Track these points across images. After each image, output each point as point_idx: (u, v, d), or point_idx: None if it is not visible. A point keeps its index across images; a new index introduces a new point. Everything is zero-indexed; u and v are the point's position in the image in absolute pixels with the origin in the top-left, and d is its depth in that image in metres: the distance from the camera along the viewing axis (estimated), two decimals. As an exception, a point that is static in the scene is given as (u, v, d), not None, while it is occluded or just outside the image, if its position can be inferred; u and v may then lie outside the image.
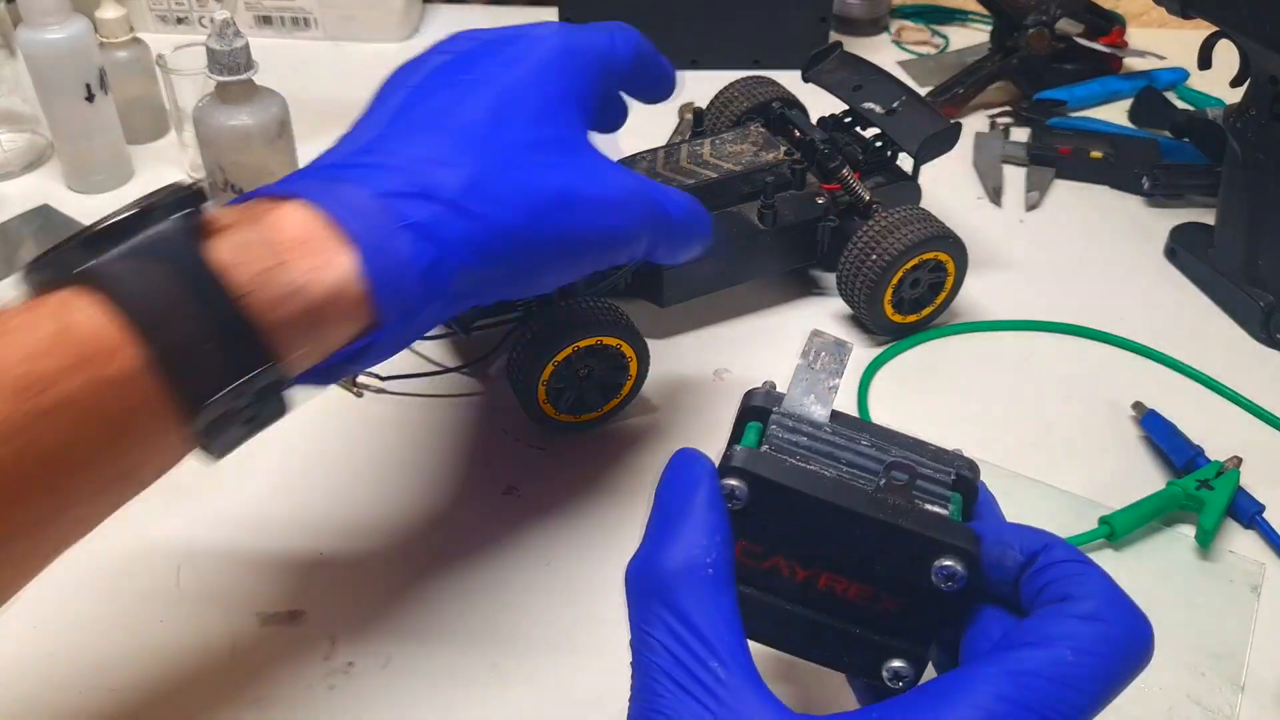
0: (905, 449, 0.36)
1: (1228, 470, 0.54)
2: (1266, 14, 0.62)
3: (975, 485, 0.36)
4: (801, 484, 0.33)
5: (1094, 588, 0.31)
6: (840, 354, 0.37)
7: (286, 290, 0.35)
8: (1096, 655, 0.30)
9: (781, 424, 0.35)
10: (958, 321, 0.68)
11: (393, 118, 0.42)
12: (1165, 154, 0.81)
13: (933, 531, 0.32)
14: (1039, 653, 0.30)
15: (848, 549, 0.33)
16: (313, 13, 0.99)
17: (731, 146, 0.66)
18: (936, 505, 0.34)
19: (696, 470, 0.33)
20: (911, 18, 1.06)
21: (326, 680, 0.47)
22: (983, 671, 0.30)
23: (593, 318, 0.55)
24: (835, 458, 0.35)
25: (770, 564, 0.34)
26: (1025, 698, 0.29)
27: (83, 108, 0.75)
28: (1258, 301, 0.67)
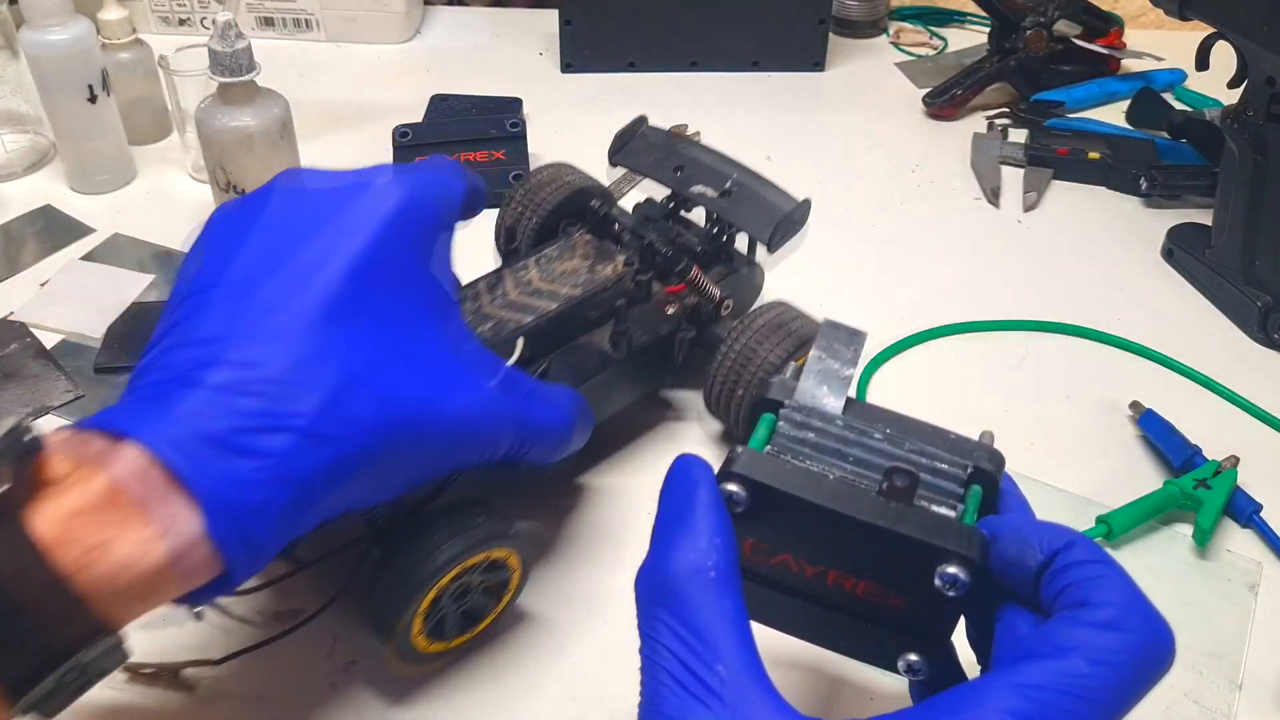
0: (922, 440, 0.35)
1: (1225, 469, 0.55)
2: (1264, 15, 0.62)
3: (996, 479, 0.35)
4: (801, 489, 0.32)
5: (1113, 592, 0.30)
6: (854, 342, 0.36)
7: (120, 563, 0.32)
8: (1113, 666, 0.29)
9: (791, 418, 0.35)
10: (957, 321, 0.68)
11: (231, 300, 0.37)
12: (1163, 155, 0.81)
13: (934, 538, 0.32)
14: (1052, 664, 0.29)
15: (852, 550, 0.33)
16: (314, 14, 0.99)
17: (560, 264, 0.56)
18: (944, 506, 0.34)
19: (694, 474, 0.33)
20: (910, 19, 1.06)
21: (328, 678, 0.47)
22: (994, 685, 0.29)
23: (462, 529, 0.44)
24: (843, 455, 0.34)
25: (779, 560, 0.34)
26: (1036, 713, 0.28)
27: (85, 109, 0.76)
28: (1255, 301, 0.67)
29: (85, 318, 0.67)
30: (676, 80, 0.95)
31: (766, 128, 0.89)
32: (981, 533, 0.33)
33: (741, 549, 0.33)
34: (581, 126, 0.89)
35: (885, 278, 0.73)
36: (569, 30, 0.95)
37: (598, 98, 0.93)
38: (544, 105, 0.91)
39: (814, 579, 0.34)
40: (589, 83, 0.95)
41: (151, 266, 0.72)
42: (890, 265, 0.74)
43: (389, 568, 0.43)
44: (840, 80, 0.97)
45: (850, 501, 0.32)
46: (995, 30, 0.93)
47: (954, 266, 0.74)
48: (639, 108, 0.93)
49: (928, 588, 0.32)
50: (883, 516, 0.32)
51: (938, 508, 0.33)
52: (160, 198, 0.80)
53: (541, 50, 1.00)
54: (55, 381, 0.63)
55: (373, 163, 0.43)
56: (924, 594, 0.32)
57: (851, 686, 0.47)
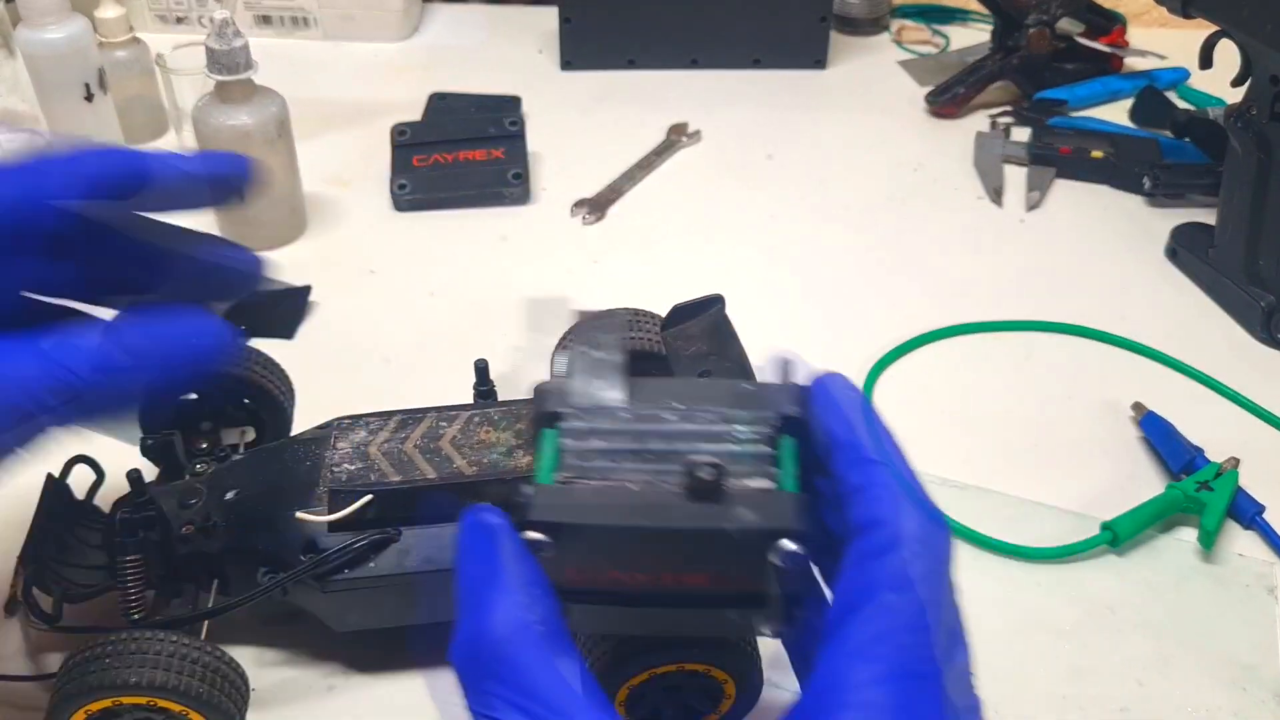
0: (718, 404, 0.32)
1: (1226, 471, 0.54)
2: (1268, 13, 0.62)
3: (805, 419, 0.32)
4: (605, 516, 0.30)
5: (883, 503, 0.29)
6: (612, 325, 0.34)
7: None
8: (916, 579, 0.28)
9: (574, 430, 0.32)
10: (958, 322, 0.67)
11: None
12: (1166, 153, 0.81)
13: (757, 523, 0.30)
14: (869, 611, 0.27)
15: (679, 552, 0.31)
16: (312, 12, 0.99)
17: (487, 432, 0.45)
18: (759, 477, 0.31)
19: (490, 526, 0.30)
20: (912, 17, 1.05)
21: (326, 680, 0.47)
22: (840, 665, 0.27)
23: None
24: (639, 453, 0.32)
25: (608, 576, 0.32)
26: (890, 667, 0.26)
27: (82, 107, 0.75)
28: (1258, 301, 0.67)
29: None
30: (677, 78, 0.95)
31: (767, 126, 0.89)
32: (803, 495, 0.31)
33: (565, 576, 0.31)
34: (581, 125, 0.89)
35: (886, 277, 0.72)
36: (568, 28, 0.95)
37: (597, 96, 0.93)
38: (543, 104, 0.90)
39: (649, 584, 0.32)
40: (589, 81, 0.95)
41: (148, 266, 0.72)
42: (891, 265, 0.74)
43: None
44: (842, 78, 0.96)
45: (660, 512, 0.30)
46: (998, 28, 0.92)
47: (956, 266, 0.73)
48: (639, 106, 0.93)
49: (768, 569, 0.31)
50: (697, 518, 0.30)
51: (752, 481, 0.31)
52: (157, 197, 0.80)
53: (541, 48, 1.00)
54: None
55: (372, 161, 0.41)
56: (765, 569, 0.31)
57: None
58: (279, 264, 0.72)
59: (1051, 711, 0.46)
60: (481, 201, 0.78)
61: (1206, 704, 0.46)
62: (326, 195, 0.79)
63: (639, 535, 0.30)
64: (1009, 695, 0.47)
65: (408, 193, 0.78)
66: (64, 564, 0.47)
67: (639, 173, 0.82)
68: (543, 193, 0.80)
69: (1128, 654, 0.48)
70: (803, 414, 0.32)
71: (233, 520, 0.45)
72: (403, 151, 0.79)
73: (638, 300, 0.56)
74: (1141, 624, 0.50)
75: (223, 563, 0.45)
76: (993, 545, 0.53)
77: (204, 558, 0.45)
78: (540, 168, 0.82)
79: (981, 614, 0.50)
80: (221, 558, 0.45)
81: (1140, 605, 0.50)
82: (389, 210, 0.78)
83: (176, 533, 0.45)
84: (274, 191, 0.73)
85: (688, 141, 0.86)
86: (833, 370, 0.32)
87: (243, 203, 0.41)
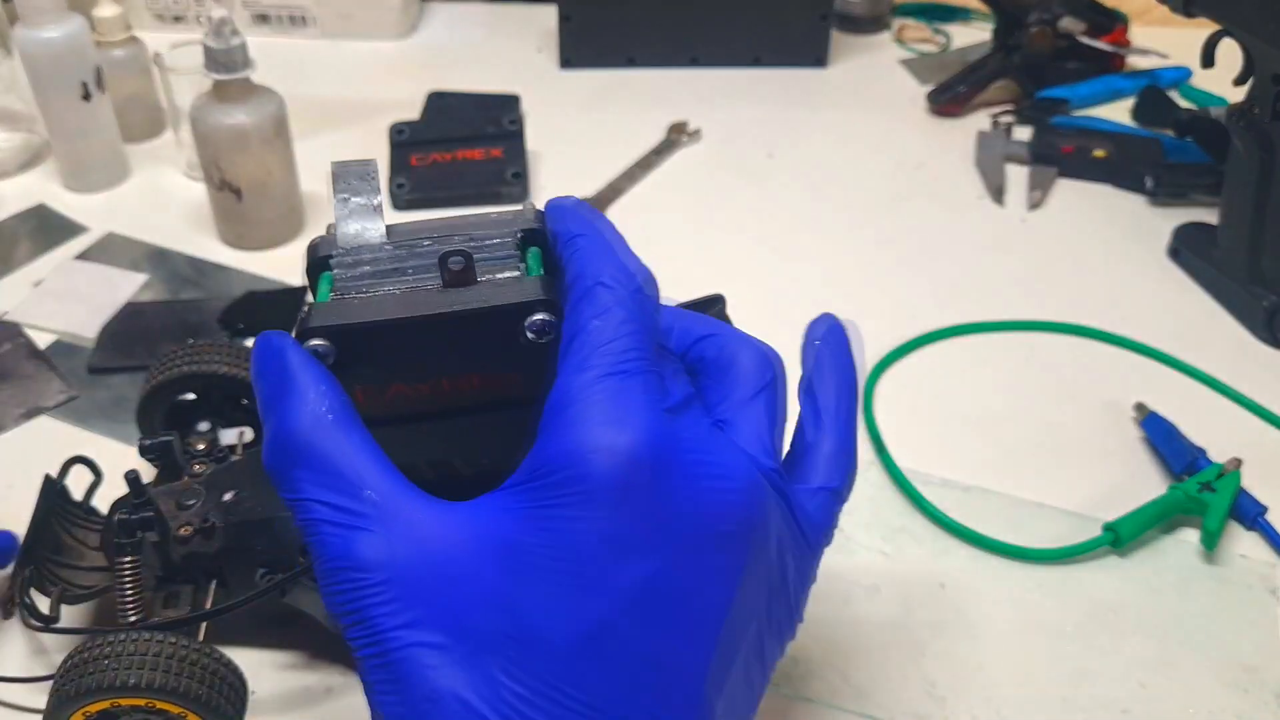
0: (468, 230, 0.36)
1: (1229, 472, 0.54)
2: (1270, 12, 0.62)
3: (543, 232, 0.36)
4: (375, 314, 0.33)
5: (582, 262, 0.33)
6: (367, 172, 0.36)
7: None
8: (613, 305, 0.31)
9: (343, 263, 0.35)
10: (960, 322, 0.67)
11: None
12: (1168, 153, 0.81)
13: (508, 299, 0.33)
14: (581, 340, 0.31)
15: (448, 350, 0.34)
16: (310, 11, 0.99)
17: None
18: (508, 270, 0.34)
19: (276, 344, 0.33)
20: (914, 15, 1.05)
21: (324, 683, 0.46)
22: (560, 384, 0.31)
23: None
24: (402, 271, 0.35)
25: (392, 393, 0.35)
26: (600, 373, 0.30)
27: (79, 106, 0.75)
28: (1261, 301, 0.66)
29: (79, 317, 0.67)
30: (677, 77, 0.95)
31: (768, 125, 0.89)
32: (547, 277, 0.34)
33: (355, 399, 0.33)
34: (581, 124, 0.88)
35: (887, 277, 0.72)
36: (568, 26, 0.94)
37: (597, 94, 0.93)
38: (542, 102, 0.90)
39: (430, 395, 0.35)
40: (588, 79, 0.95)
41: (146, 265, 0.72)
42: (892, 264, 0.73)
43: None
44: (843, 77, 0.96)
45: (423, 305, 0.33)
46: (999, 27, 0.92)
47: (957, 265, 0.73)
48: (639, 105, 0.93)
49: (528, 349, 0.33)
50: (455, 303, 0.33)
51: (502, 274, 0.34)
52: (154, 196, 0.79)
53: (540, 46, 0.99)
54: (49, 382, 0.62)
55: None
56: (527, 357, 0.33)
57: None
58: (277, 264, 0.72)
59: (1053, 713, 0.46)
60: (480, 200, 0.78)
61: (1209, 705, 0.46)
62: (325, 194, 0.79)
63: (408, 328, 0.33)
64: (1011, 696, 0.46)
65: (406, 192, 0.77)
66: (62, 565, 0.46)
67: (639, 172, 0.82)
68: (542, 191, 0.80)
69: (1130, 655, 0.48)
70: (541, 227, 0.36)
71: (231, 521, 0.45)
72: (401, 150, 0.79)
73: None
74: (1144, 625, 0.49)
75: (221, 564, 0.45)
76: (995, 546, 0.53)
77: (202, 559, 0.45)
78: (539, 167, 0.82)
79: (983, 614, 0.50)
80: (220, 559, 0.45)
81: (1142, 606, 0.50)
82: (388, 209, 0.77)
83: (174, 534, 0.45)
84: (272, 191, 0.72)
85: (688, 140, 0.86)
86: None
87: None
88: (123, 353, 0.64)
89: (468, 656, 0.29)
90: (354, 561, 0.30)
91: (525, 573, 0.29)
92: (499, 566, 0.30)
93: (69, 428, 0.60)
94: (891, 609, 0.50)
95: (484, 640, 0.29)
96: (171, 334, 0.65)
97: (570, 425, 0.30)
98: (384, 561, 0.30)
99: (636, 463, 0.29)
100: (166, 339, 0.65)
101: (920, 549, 0.53)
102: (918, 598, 0.50)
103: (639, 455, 0.29)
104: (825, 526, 0.35)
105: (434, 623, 0.29)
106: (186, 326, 0.66)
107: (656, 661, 0.29)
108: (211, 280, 0.71)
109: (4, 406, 0.61)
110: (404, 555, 0.30)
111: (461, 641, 0.29)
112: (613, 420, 0.30)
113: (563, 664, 0.29)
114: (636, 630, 0.29)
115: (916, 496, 0.55)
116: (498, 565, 0.30)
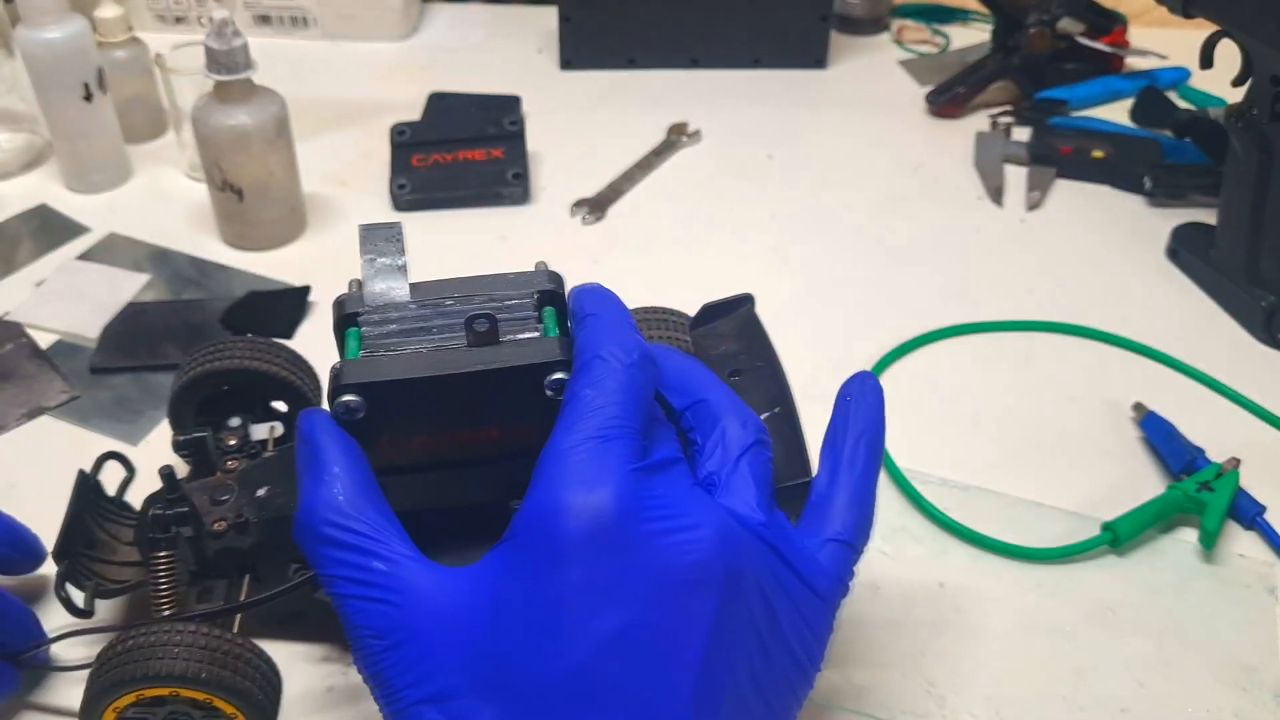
0: (488, 289, 0.38)
1: (1227, 472, 0.54)
2: (1268, 13, 0.62)
3: (561, 294, 0.38)
4: (405, 371, 0.35)
5: (582, 339, 0.36)
6: (393, 233, 0.39)
7: None
8: (601, 379, 0.34)
9: (370, 320, 0.38)
10: (959, 323, 0.67)
11: None
12: (1167, 154, 0.81)
13: (530, 359, 0.36)
14: (571, 407, 0.34)
15: (470, 404, 0.36)
16: (311, 12, 0.99)
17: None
18: (528, 331, 0.37)
19: (311, 421, 0.36)
20: (913, 17, 1.05)
21: (325, 681, 0.47)
22: (551, 442, 0.34)
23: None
24: (428, 330, 0.37)
25: (415, 444, 0.37)
26: (585, 437, 0.33)
27: (81, 107, 0.75)
28: (1259, 302, 0.67)
29: (81, 318, 0.67)
30: (677, 78, 0.95)
31: (768, 126, 0.89)
32: (568, 339, 0.37)
33: (379, 448, 0.36)
34: (581, 125, 0.89)
35: (887, 277, 0.72)
36: (568, 27, 0.94)
37: (597, 95, 0.93)
38: (543, 103, 0.90)
39: (452, 444, 0.37)
40: (588, 80, 0.95)
41: (147, 266, 0.72)
42: (892, 265, 0.74)
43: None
44: (842, 78, 0.96)
45: (450, 363, 0.35)
46: (998, 28, 0.92)
47: (956, 266, 0.73)
48: (639, 106, 0.93)
49: (546, 404, 0.36)
50: (480, 362, 0.35)
51: (523, 335, 0.37)
52: (156, 197, 0.80)
53: (540, 47, 0.99)
54: (51, 382, 0.63)
55: (371, 161, 0.43)
56: (545, 412, 0.36)
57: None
58: (279, 264, 0.72)
59: (1053, 712, 0.46)
60: (481, 201, 0.78)
61: (1207, 705, 0.46)
62: (326, 195, 0.79)
63: (434, 386, 0.35)
64: (1010, 695, 0.47)
65: (407, 192, 0.78)
66: (95, 560, 0.47)
67: (639, 172, 0.82)
68: (542, 192, 0.80)
69: (1128, 654, 0.48)
70: (556, 288, 0.39)
71: (264, 517, 0.45)
72: (402, 151, 0.79)
73: (638, 300, 0.56)
74: (1142, 624, 0.49)
75: (254, 558, 0.46)
76: (994, 546, 0.53)
77: (236, 553, 0.45)
78: (540, 167, 0.82)
79: (982, 614, 0.50)
80: (253, 553, 0.45)
81: (1141, 606, 0.50)
82: (388, 210, 0.78)
83: (208, 528, 0.45)
84: (274, 192, 0.73)
85: (688, 141, 0.86)
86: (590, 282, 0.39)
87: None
88: (124, 353, 0.65)
89: (467, 709, 0.32)
90: (372, 629, 0.33)
91: (509, 625, 0.32)
92: (488, 621, 0.32)
93: (71, 427, 0.60)
94: (891, 609, 0.50)
95: (480, 691, 0.32)
96: (173, 334, 0.65)
97: (548, 485, 0.33)
98: (394, 628, 0.33)
99: (603, 519, 0.32)
100: (168, 339, 0.65)
101: (920, 548, 0.53)
102: (917, 597, 0.51)
103: (605, 512, 0.32)
104: (836, 577, 0.36)
105: (437, 679, 0.32)
106: (188, 327, 0.66)
107: (636, 702, 0.31)
108: (213, 280, 0.71)
109: (6, 406, 0.61)
110: (411, 621, 0.33)
111: (460, 695, 0.32)
112: (586, 480, 0.32)
113: (548, 707, 0.31)
114: (614, 674, 0.31)
115: (916, 496, 0.55)
116: (487, 620, 0.32)
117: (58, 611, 0.46)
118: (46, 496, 0.48)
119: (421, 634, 0.33)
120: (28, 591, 0.50)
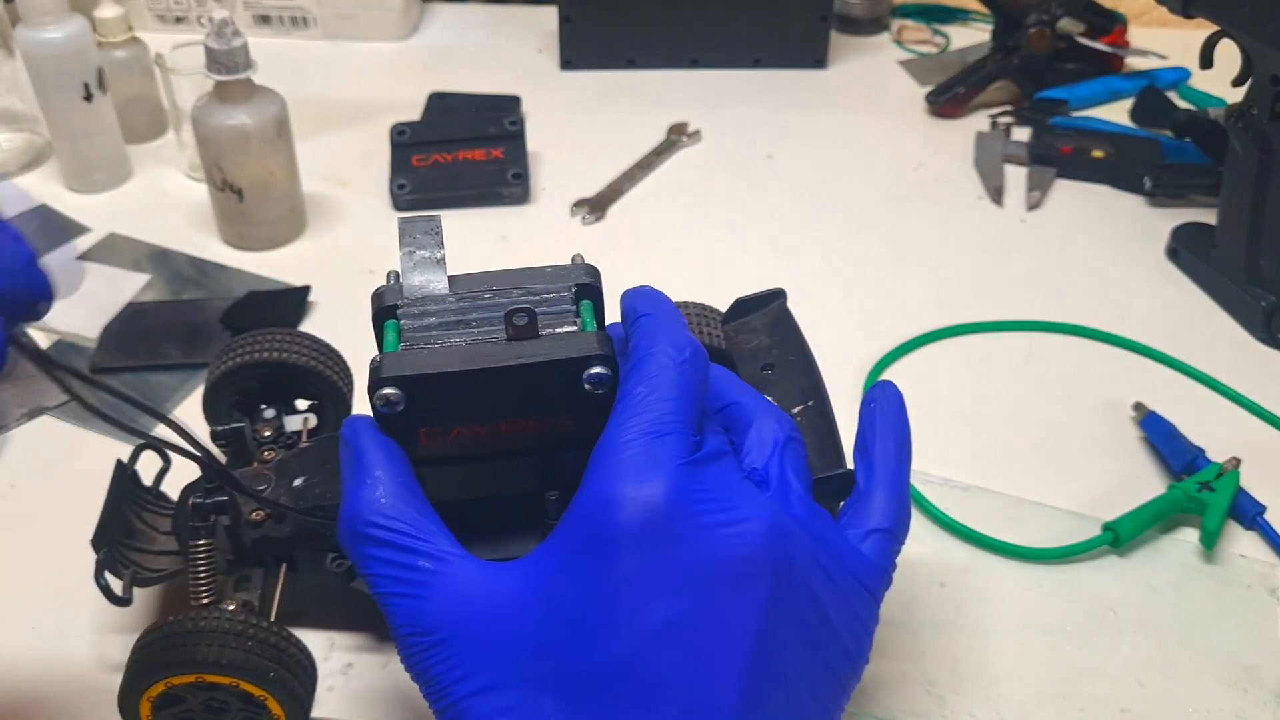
0: (526, 282, 0.38)
1: (1227, 472, 0.54)
2: (1268, 13, 0.62)
3: (598, 287, 0.39)
4: (444, 365, 0.35)
5: (637, 337, 0.36)
6: (432, 226, 0.39)
7: None
8: (653, 375, 0.35)
9: (410, 313, 0.38)
10: (959, 322, 0.67)
11: None
12: (1167, 154, 0.81)
13: (569, 353, 0.36)
14: (626, 401, 0.35)
15: (510, 397, 0.36)
16: (311, 12, 0.99)
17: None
18: (566, 325, 0.37)
19: (354, 426, 0.37)
20: (913, 17, 1.05)
21: (325, 681, 0.47)
22: (607, 435, 0.34)
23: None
24: (466, 323, 0.37)
25: (454, 435, 0.37)
26: (640, 433, 0.34)
27: (81, 107, 0.75)
28: (1259, 301, 0.67)
29: (81, 318, 0.67)
30: (677, 78, 0.95)
31: (768, 126, 0.89)
32: (605, 333, 0.37)
33: (418, 440, 0.36)
34: (581, 125, 0.89)
35: (887, 277, 0.72)
36: (568, 27, 0.94)
37: (597, 95, 0.93)
38: (543, 103, 0.90)
39: (490, 437, 0.37)
40: (588, 80, 0.95)
41: (148, 266, 0.72)
42: (892, 265, 0.74)
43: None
44: (842, 78, 0.96)
45: (489, 356, 0.36)
46: (998, 28, 0.92)
47: (956, 266, 0.73)
48: (639, 106, 0.93)
49: (583, 397, 0.36)
50: (520, 355, 0.36)
51: (561, 329, 0.37)
52: (156, 197, 0.80)
53: (540, 47, 1.00)
54: (51, 382, 0.62)
55: (372, 161, 0.43)
56: (582, 405, 0.36)
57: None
58: (279, 264, 0.72)
59: (1053, 712, 0.46)
60: (481, 201, 0.78)
61: (1207, 705, 0.46)
62: (326, 195, 0.79)
63: (474, 379, 0.35)
64: (1010, 695, 0.47)
65: (407, 192, 0.78)
66: (133, 548, 0.47)
67: (639, 172, 0.82)
68: (542, 192, 0.80)
69: (1129, 655, 0.48)
70: (594, 282, 0.39)
71: (301, 506, 0.45)
72: (402, 151, 0.79)
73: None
74: (1143, 624, 0.50)
75: (291, 548, 0.46)
76: (994, 545, 0.53)
77: (273, 543, 0.46)
78: (540, 167, 0.82)
79: (982, 614, 0.50)
80: (290, 543, 0.46)
81: (1141, 606, 0.50)
82: (389, 210, 0.78)
83: (246, 518, 0.45)
84: (274, 192, 0.73)
85: (688, 141, 0.86)
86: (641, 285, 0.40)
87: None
88: (125, 353, 0.65)
89: (520, 701, 0.32)
90: (416, 627, 0.34)
91: (560, 616, 0.33)
92: (537, 615, 0.33)
93: (71, 427, 0.60)
94: (891, 609, 0.50)
95: (532, 683, 0.32)
96: (173, 334, 0.65)
97: (603, 479, 0.33)
98: (440, 624, 0.33)
99: (655, 512, 0.32)
100: (168, 339, 0.65)
101: (920, 548, 0.53)
102: (918, 597, 0.51)
103: (657, 506, 0.32)
104: (881, 568, 0.37)
105: (487, 675, 0.33)
106: (188, 327, 0.66)
107: (686, 692, 0.32)
108: (213, 280, 0.71)
109: (6, 406, 0.61)
110: (458, 617, 0.34)
111: (511, 688, 0.33)
112: (639, 474, 0.33)
113: (599, 696, 0.32)
114: (664, 664, 0.32)
115: (917, 496, 0.55)
116: (536, 614, 0.33)
117: (93, 600, 0.45)
118: (47, 496, 0.48)
119: (467, 630, 0.33)
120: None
